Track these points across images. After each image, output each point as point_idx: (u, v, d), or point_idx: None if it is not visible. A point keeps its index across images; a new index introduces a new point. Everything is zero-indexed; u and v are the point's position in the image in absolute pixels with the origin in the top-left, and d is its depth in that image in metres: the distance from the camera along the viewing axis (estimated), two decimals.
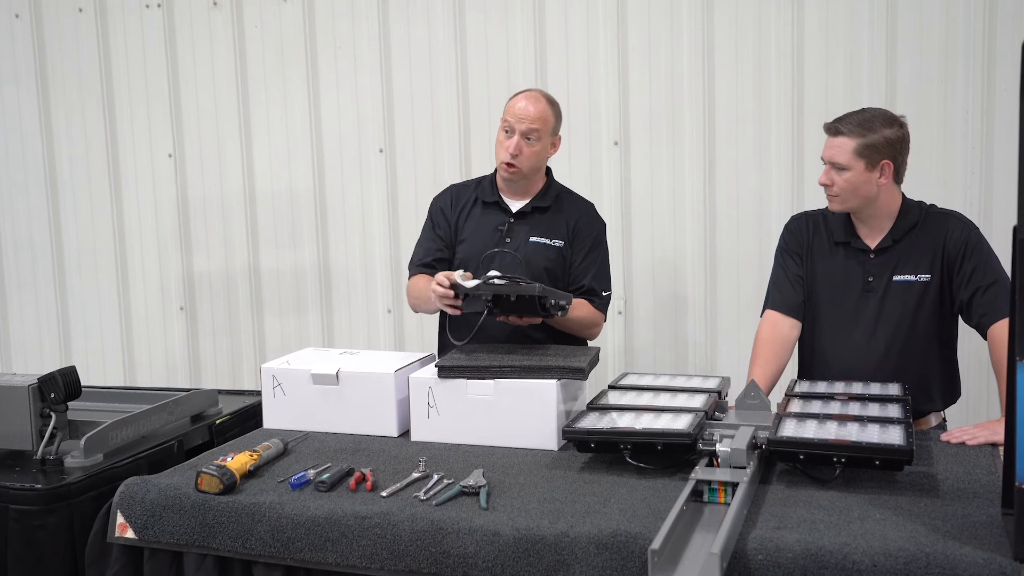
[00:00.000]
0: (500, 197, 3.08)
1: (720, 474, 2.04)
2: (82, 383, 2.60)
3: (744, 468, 2.05)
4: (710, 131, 3.95)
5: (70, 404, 2.56)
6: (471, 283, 2.65)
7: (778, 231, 2.98)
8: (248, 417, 2.97)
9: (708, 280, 4.02)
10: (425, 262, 3.09)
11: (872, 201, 2.71)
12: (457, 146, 4.26)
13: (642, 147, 4.04)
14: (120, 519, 2.25)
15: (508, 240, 3.03)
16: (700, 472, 2.06)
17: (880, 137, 2.64)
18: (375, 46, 4.32)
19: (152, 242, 4.74)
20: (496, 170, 3.08)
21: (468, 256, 3.04)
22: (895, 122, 2.68)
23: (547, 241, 3.02)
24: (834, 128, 2.68)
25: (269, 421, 2.76)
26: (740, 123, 3.91)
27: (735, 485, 1.99)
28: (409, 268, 3.15)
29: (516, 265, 2.78)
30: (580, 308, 2.93)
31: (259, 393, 3.14)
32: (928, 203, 2.82)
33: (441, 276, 2.70)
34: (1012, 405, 1.81)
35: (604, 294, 3.05)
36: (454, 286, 2.66)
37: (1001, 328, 2.60)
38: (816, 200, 3.43)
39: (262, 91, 4.50)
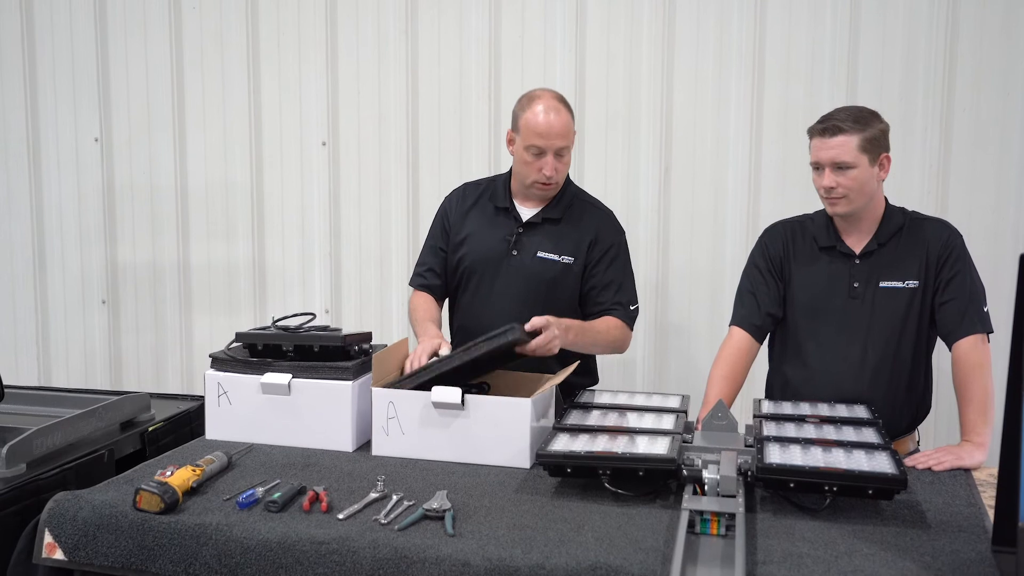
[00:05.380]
0: (512, 203, 2.96)
1: (714, 504, 1.95)
2: None
3: (734, 497, 1.96)
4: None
5: None
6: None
7: None
8: (182, 424, 2.82)
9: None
10: (420, 273, 3.06)
11: (871, 199, 2.65)
12: (405, 142, 4.13)
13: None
14: (48, 538, 2.08)
15: (515, 252, 2.92)
16: (693, 502, 1.97)
17: (876, 130, 2.59)
18: (320, 32, 4.15)
19: (73, 230, 4.51)
20: (510, 171, 2.98)
21: (473, 264, 2.96)
22: (879, 116, 2.63)
23: (555, 257, 2.91)
24: (832, 127, 2.58)
25: (212, 432, 2.60)
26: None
27: (727, 515, 1.91)
28: (412, 276, 3.10)
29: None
30: (604, 323, 2.88)
31: (192, 398, 2.99)
32: (911, 209, 2.76)
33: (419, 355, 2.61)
34: (1016, 438, 1.75)
35: (632, 308, 2.95)
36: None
37: (966, 346, 2.58)
38: None
39: (199, 77, 4.30)
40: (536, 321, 2.54)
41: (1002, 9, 3.56)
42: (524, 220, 2.94)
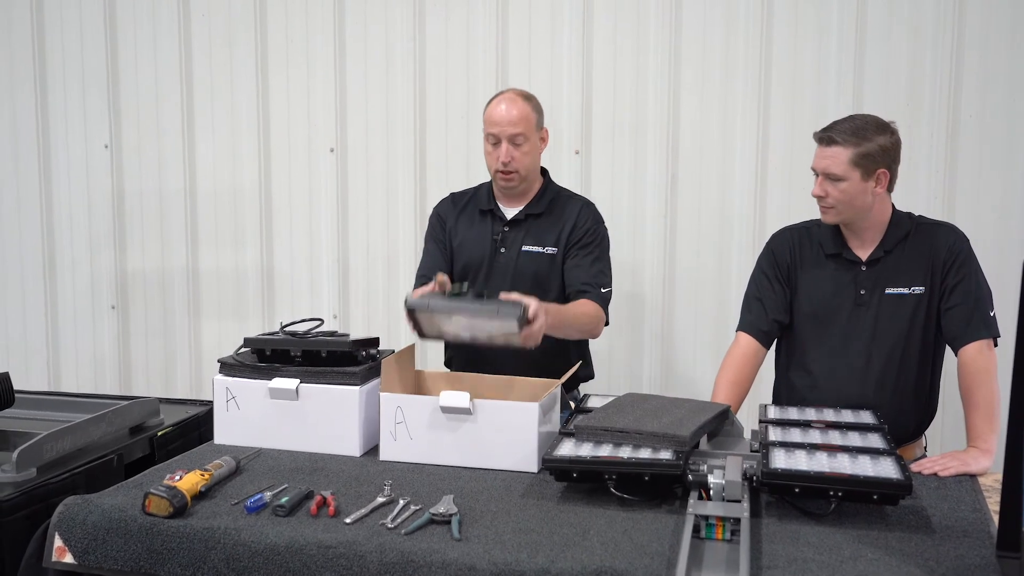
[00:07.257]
0: (496, 205, 3.05)
1: (720, 509, 1.95)
2: None
3: (739, 502, 1.96)
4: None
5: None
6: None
7: None
8: (191, 429, 2.81)
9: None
10: (423, 275, 3.06)
11: (867, 211, 2.64)
12: (413, 148, 4.13)
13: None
14: (58, 542, 2.08)
15: (503, 249, 3.00)
16: (698, 507, 1.97)
17: (875, 145, 2.56)
18: (329, 40, 4.17)
19: (83, 236, 4.52)
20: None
21: (466, 266, 3.04)
22: (887, 129, 2.60)
23: (539, 249, 2.99)
24: (827, 138, 2.59)
25: (221, 436, 2.60)
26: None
27: (732, 520, 1.91)
28: (415, 283, 3.09)
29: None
30: (579, 306, 2.87)
31: (201, 403, 3.00)
32: (917, 214, 2.75)
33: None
34: (1020, 443, 1.75)
35: (603, 290, 2.95)
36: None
37: (972, 352, 2.57)
38: None
39: (207, 84, 4.31)
40: (532, 308, 2.47)
41: (1008, 14, 3.56)
42: (508, 218, 3.02)
